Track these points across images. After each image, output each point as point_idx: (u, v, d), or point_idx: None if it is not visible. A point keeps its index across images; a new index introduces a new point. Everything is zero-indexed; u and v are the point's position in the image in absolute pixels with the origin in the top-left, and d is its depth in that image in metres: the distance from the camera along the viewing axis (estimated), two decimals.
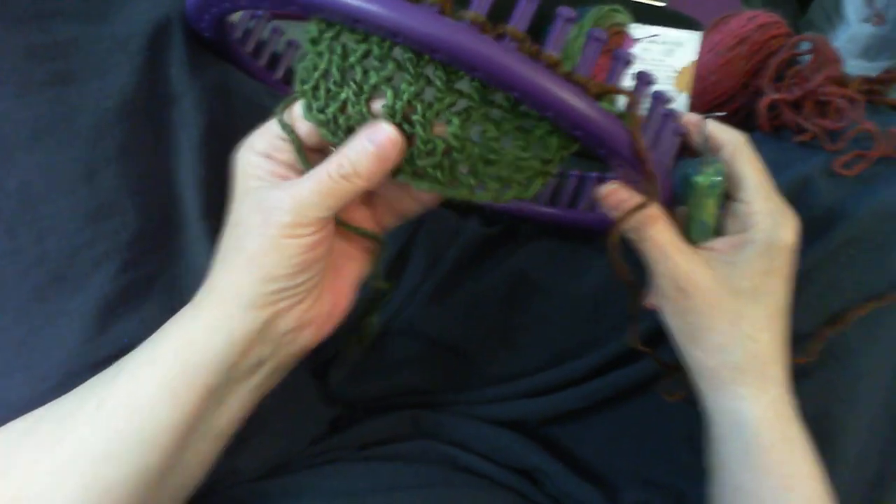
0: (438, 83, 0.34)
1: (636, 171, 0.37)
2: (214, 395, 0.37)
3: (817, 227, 0.51)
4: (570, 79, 0.34)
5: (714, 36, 0.63)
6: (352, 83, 0.35)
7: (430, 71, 0.34)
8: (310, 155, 0.38)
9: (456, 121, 0.35)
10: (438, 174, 0.36)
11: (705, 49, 0.62)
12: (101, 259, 0.42)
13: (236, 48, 0.52)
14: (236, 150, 0.39)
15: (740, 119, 0.61)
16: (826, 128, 0.53)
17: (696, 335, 0.40)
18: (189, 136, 0.45)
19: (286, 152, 0.38)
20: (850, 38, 0.86)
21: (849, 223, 0.50)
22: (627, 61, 0.37)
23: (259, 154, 0.38)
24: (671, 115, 0.41)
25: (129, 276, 0.42)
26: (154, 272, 0.43)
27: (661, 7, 0.77)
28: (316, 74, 0.36)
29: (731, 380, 0.40)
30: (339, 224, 0.40)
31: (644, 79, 0.38)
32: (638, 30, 0.65)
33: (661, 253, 0.40)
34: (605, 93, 0.35)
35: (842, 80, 0.54)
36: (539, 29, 0.37)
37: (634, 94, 0.36)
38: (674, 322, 0.41)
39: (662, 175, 0.39)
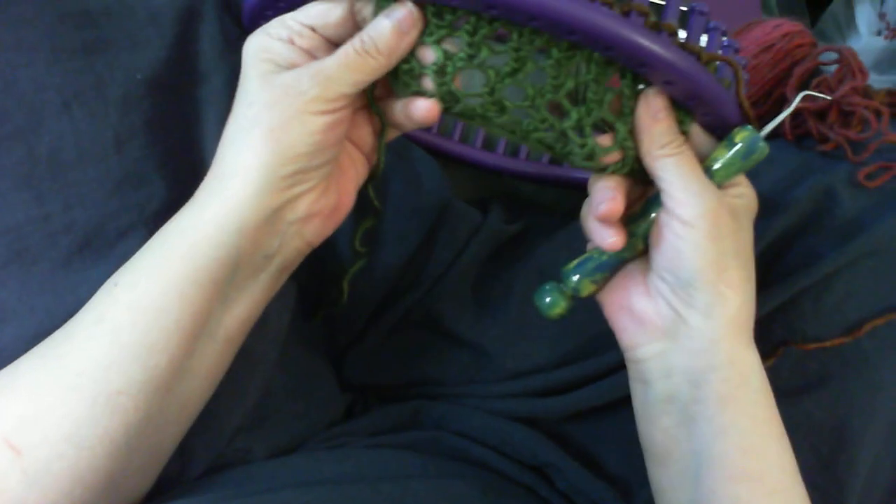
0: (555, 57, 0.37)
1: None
2: (222, 292, 0.37)
3: (838, 235, 0.51)
4: (685, 49, 0.37)
5: None
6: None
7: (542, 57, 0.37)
8: (327, 47, 0.38)
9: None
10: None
11: None
12: (126, 229, 0.41)
13: None
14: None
15: (762, 126, 0.61)
16: (850, 138, 0.53)
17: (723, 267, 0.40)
18: (217, 112, 0.45)
19: (308, 39, 0.37)
20: (862, 51, 0.86)
21: (870, 235, 0.50)
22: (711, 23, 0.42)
23: (278, 39, 0.37)
24: (734, 48, 0.45)
25: None
26: None
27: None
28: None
29: (746, 325, 0.41)
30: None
31: (719, 29, 0.42)
32: None
33: (690, 174, 0.40)
34: (712, 60, 0.39)
35: (867, 92, 0.54)
36: None
37: (737, 64, 0.41)
38: (699, 253, 0.40)
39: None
